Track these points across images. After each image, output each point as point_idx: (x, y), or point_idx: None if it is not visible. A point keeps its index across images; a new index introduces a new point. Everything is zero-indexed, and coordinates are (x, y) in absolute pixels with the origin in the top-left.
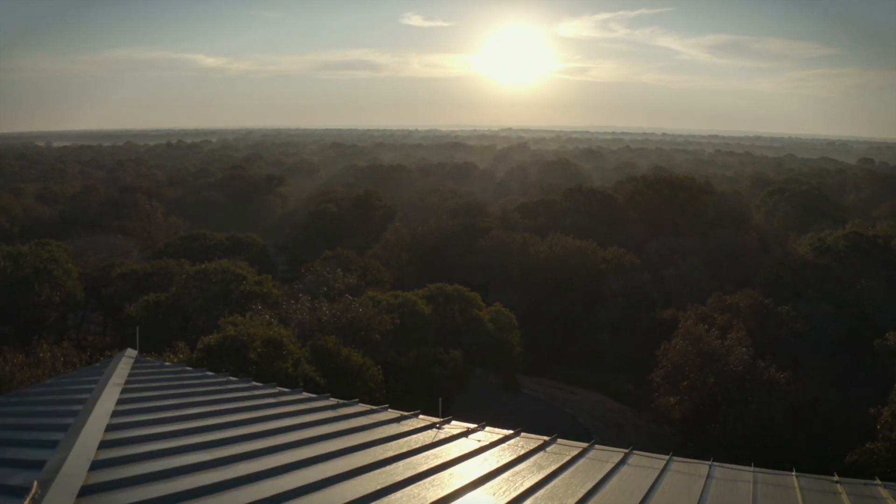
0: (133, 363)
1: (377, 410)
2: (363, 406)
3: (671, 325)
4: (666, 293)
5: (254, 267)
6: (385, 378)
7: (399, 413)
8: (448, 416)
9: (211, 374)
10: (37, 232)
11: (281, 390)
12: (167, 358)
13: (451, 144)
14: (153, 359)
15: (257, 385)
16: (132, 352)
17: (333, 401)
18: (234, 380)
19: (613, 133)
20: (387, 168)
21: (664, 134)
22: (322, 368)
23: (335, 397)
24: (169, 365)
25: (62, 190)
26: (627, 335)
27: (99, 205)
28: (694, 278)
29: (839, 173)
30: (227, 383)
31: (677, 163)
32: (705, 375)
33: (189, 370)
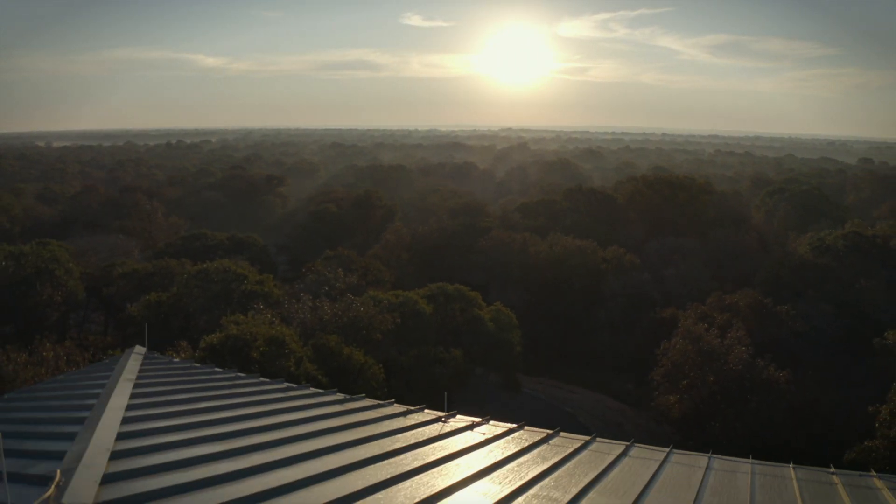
0: (142, 359)
1: (384, 405)
2: (370, 401)
3: (671, 325)
4: (666, 293)
5: (255, 267)
6: (386, 377)
7: (405, 407)
8: (453, 411)
9: (219, 370)
10: (37, 232)
11: (289, 385)
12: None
13: (451, 144)
14: (162, 355)
15: (265, 381)
16: (141, 348)
17: (340, 395)
18: (243, 375)
19: (613, 133)
20: (387, 168)
21: (664, 134)
22: (324, 367)
23: None
24: (178, 361)
25: (62, 190)
26: (627, 335)
27: (99, 205)
28: (694, 278)
29: (839, 173)
30: (236, 378)
31: (677, 163)
32: (705, 374)
33: (197, 366)
